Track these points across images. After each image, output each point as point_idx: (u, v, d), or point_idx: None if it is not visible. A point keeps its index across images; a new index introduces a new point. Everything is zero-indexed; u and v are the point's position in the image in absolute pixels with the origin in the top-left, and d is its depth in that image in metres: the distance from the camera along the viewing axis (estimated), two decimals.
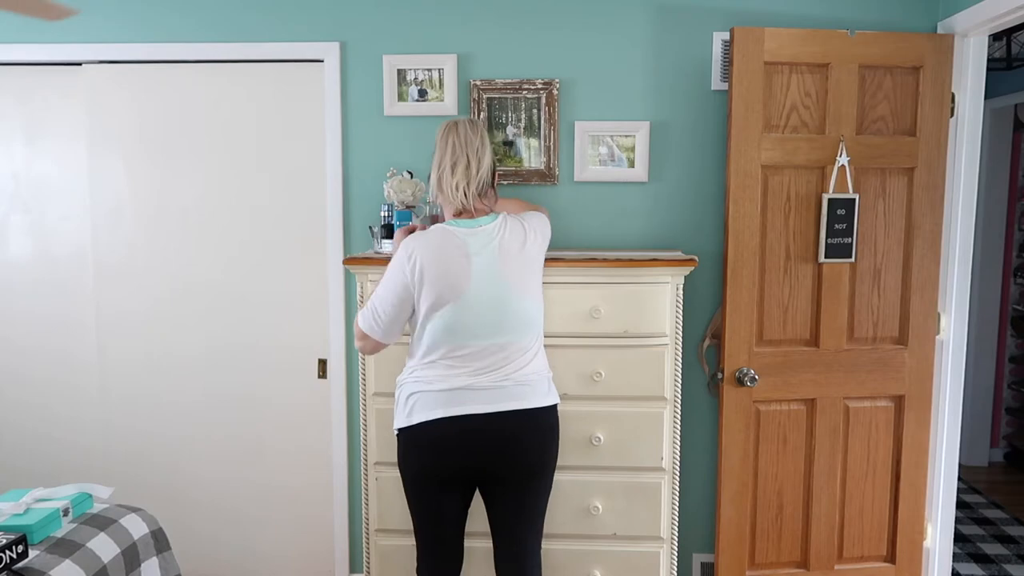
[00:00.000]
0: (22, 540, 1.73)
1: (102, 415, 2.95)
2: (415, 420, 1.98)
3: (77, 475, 2.93)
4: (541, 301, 2.06)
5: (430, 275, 1.93)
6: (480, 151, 1.99)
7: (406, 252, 1.95)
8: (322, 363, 2.88)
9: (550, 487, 2.11)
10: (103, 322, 2.92)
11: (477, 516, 2.15)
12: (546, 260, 2.35)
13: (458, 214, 2.02)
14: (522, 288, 1.98)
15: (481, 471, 2.02)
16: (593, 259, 2.35)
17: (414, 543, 2.46)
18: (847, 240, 2.50)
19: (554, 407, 2.07)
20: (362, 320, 2.03)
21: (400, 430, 2.03)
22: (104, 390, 2.94)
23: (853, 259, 2.52)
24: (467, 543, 2.17)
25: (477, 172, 1.98)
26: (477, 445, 1.97)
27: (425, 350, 1.99)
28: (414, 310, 1.98)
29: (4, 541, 1.70)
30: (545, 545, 2.39)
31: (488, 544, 2.18)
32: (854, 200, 2.48)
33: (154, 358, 2.91)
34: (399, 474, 2.08)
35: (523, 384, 2.00)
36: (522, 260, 1.98)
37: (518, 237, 1.99)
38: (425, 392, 1.98)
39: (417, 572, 2.15)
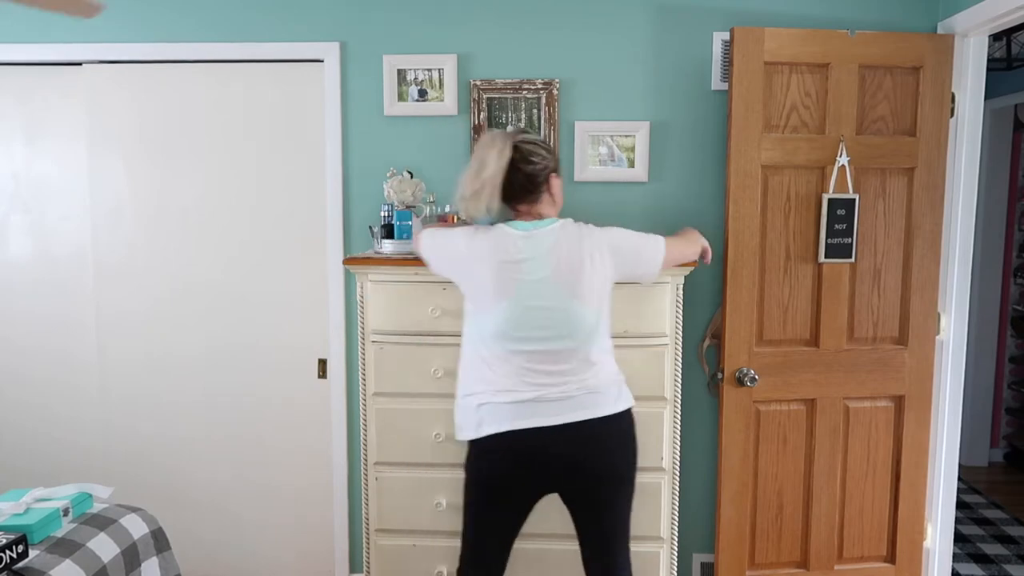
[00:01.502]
0: (22, 540, 1.73)
1: (102, 415, 2.95)
2: (484, 432, 1.93)
3: (77, 475, 2.93)
4: (602, 308, 1.97)
5: (480, 269, 1.92)
6: (488, 160, 1.93)
7: (466, 234, 1.96)
8: (322, 363, 2.88)
9: (632, 494, 2.04)
10: (103, 322, 2.91)
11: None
12: None
13: (517, 215, 1.99)
14: (574, 294, 1.91)
15: (554, 485, 1.99)
16: None
17: (413, 543, 2.46)
18: (847, 240, 2.50)
19: (627, 412, 2.01)
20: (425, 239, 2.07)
21: (471, 441, 1.99)
22: (104, 390, 2.94)
23: (853, 259, 2.52)
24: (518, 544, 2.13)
25: (482, 184, 1.92)
26: (547, 459, 1.93)
27: (474, 348, 1.98)
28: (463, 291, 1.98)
29: (4, 541, 1.70)
30: (545, 545, 2.40)
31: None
32: (854, 200, 2.48)
33: (154, 358, 2.91)
34: (465, 480, 2.04)
35: (592, 392, 1.94)
36: (577, 266, 1.92)
37: (576, 241, 1.94)
38: (494, 404, 1.93)
39: (458, 573, 2.09)
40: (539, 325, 1.90)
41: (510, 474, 1.96)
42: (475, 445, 1.98)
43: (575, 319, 1.92)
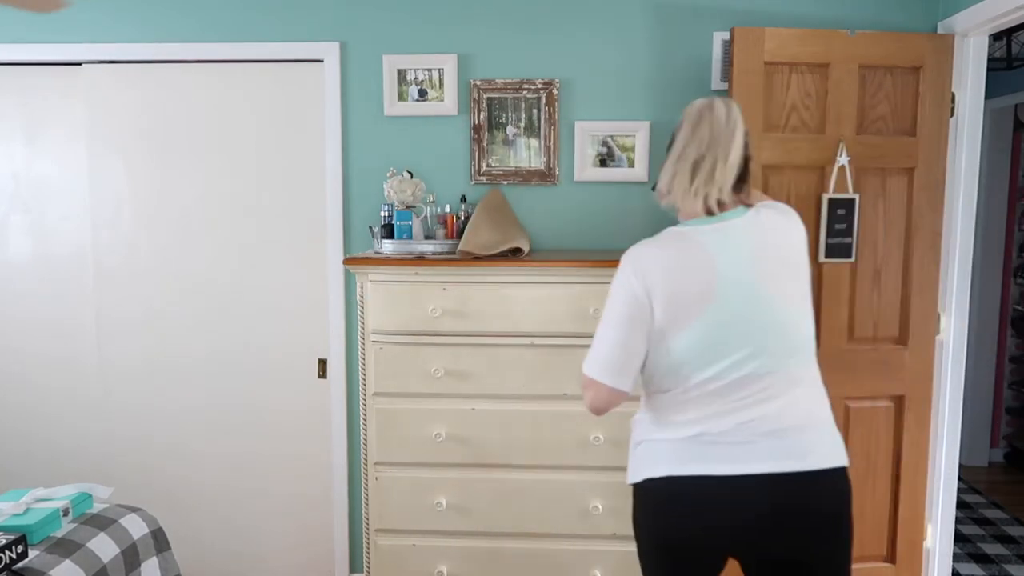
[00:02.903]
0: (22, 540, 1.73)
1: (102, 417, 2.95)
2: (640, 476, 1.56)
3: (77, 477, 2.93)
4: (811, 315, 1.57)
5: (664, 291, 1.49)
6: (728, 146, 1.54)
7: (630, 265, 1.54)
8: (322, 363, 2.88)
9: (846, 569, 1.60)
10: (103, 323, 2.91)
11: None
12: (545, 260, 2.36)
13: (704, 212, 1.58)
14: (785, 296, 1.52)
15: (732, 550, 1.55)
16: (593, 259, 2.35)
17: (413, 543, 2.46)
18: (847, 240, 2.50)
19: (843, 470, 1.54)
20: (587, 366, 1.56)
21: (634, 485, 1.61)
22: (104, 391, 2.94)
23: (853, 259, 2.52)
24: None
25: (723, 176, 1.54)
26: (719, 518, 1.48)
27: (658, 384, 1.56)
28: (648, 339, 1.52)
29: (4, 541, 1.70)
30: (545, 545, 2.40)
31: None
32: (854, 200, 2.48)
33: (153, 359, 2.91)
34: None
35: (796, 434, 1.48)
36: (785, 260, 1.54)
37: (779, 231, 1.57)
38: (653, 441, 1.54)
39: None
40: (740, 340, 1.49)
41: (671, 533, 1.54)
42: (637, 491, 1.60)
43: (787, 327, 1.52)
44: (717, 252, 1.51)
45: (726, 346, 1.48)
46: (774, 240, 1.56)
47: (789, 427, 1.49)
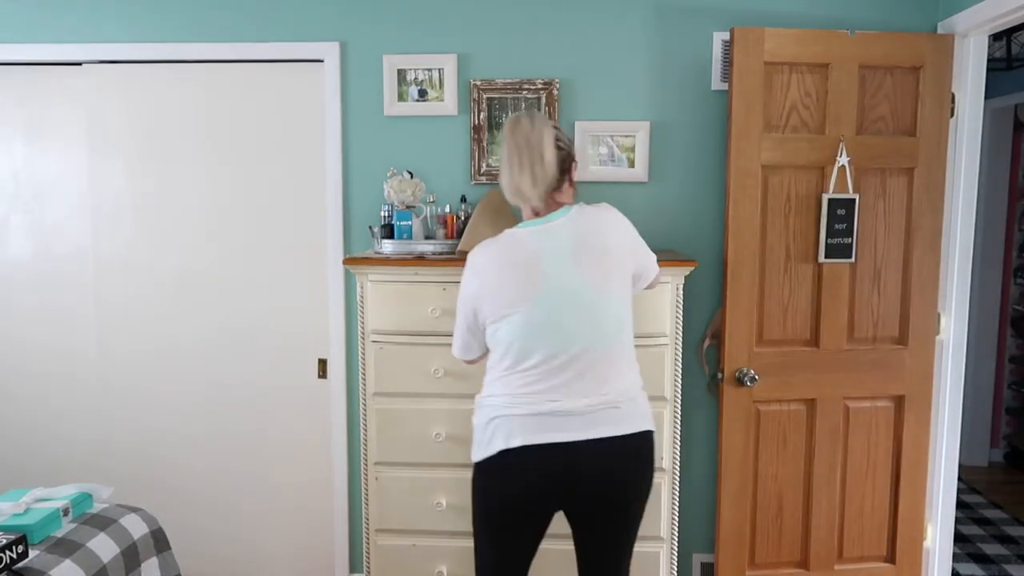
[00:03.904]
0: (22, 540, 1.73)
1: (102, 418, 2.95)
2: (494, 449, 1.79)
3: (77, 473, 2.93)
4: (629, 302, 1.85)
5: (493, 286, 1.80)
6: (540, 147, 1.78)
7: (469, 265, 1.86)
8: (322, 363, 2.88)
9: (642, 514, 1.92)
10: (103, 323, 2.91)
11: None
12: None
13: (535, 214, 1.87)
14: (603, 285, 1.78)
15: (566, 503, 1.85)
16: None
17: (413, 543, 2.47)
18: (847, 240, 2.50)
19: (650, 434, 1.87)
20: (452, 347, 1.99)
21: (477, 463, 1.86)
22: (104, 390, 2.94)
23: (853, 259, 2.52)
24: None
25: (542, 171, 1.79)
26: (562, 477, 1.78)
27: (496, 360, 1.84)
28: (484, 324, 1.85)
29: (4, 541, 1.70)
30: (545, 545, 2.39)
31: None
32: (854, 200, 2.48)
33: (155, 363, 2.91)
34: (473, 508, 1.92)
35: (615, 406, 1.79)
36: (602, 253, 1.80)
37: (595, 228, 1.82)
38: (506, 417, 1.79)
39: None
40: (562, 326, 1.76)
41: (522, 495, 1.82)
42: (484, 467, 1.85)
43: (604, 313, 1.79)
44: (540, 249, 1.78)
45: (548, 332, 1.76)
46: (592, 235, 1.81)
47: (608, 402, 1.78)
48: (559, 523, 2.07)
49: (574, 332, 1.76)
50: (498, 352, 1.83)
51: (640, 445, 1.84)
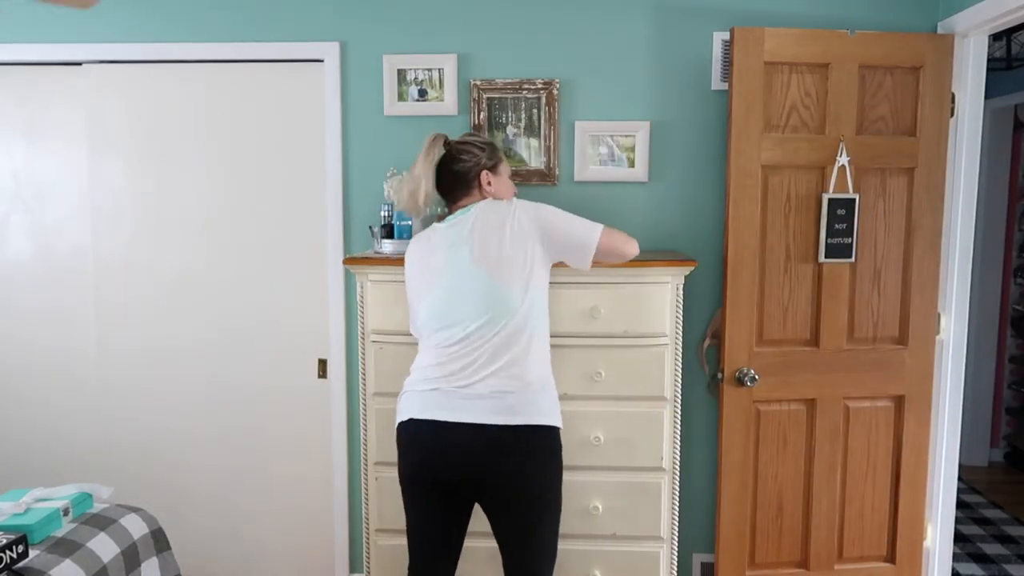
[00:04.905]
0: (22, 540, 1.74)
1: (102, 419, 2.95)
2: (397, 421, 2.00)
3: (77, 471, 2.93)
4: (529, 288, 1.94)
5: (412, 274, 2.06)
6: (419, 180, 2.03)
7: (406, 256, 2.11)
8: (322, 363, 2.88)
9: (541, 513, 1.95)
10: (103, 321, 2.91)
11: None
12: None
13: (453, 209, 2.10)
14: (501, 272, 1.91)
15: (463, 484, 1.93)
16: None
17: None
18: (847, 240, 2.50)
19: (549, 430, 1.93)
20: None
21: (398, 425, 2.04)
22: (104, 389, 2.94)
23: (853, 259, 2.52)
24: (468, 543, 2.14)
25: (424, 197, 2.04)
26: (436, 455, 1.91)
27: (420, 338, 2.05)
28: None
29: (4, 541, 1.70)
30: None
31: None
32: (854, 200, 2.48)
33: (155, 363, 2.91)
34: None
35: (499, 394, 1.88)
36: (500, 243, 1.93)
37: (495, 220, 1.97)
38: (408, 392, 2.00)
39: None
40: (461, 308, 1.92)
41: (415, 467, 1.96)
42: (397, 434, 2.02)
43: (500, 297, 1.90)
44: (446, 241, 1.98)
45: (445, 316, 1.94)
46: (490, 227, 1.95)
47: (494, 389, 1.87)
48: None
49: (465, 317, 1.91)
50: (416, 335, 2.08)
51: (507, 439, 1.87)
